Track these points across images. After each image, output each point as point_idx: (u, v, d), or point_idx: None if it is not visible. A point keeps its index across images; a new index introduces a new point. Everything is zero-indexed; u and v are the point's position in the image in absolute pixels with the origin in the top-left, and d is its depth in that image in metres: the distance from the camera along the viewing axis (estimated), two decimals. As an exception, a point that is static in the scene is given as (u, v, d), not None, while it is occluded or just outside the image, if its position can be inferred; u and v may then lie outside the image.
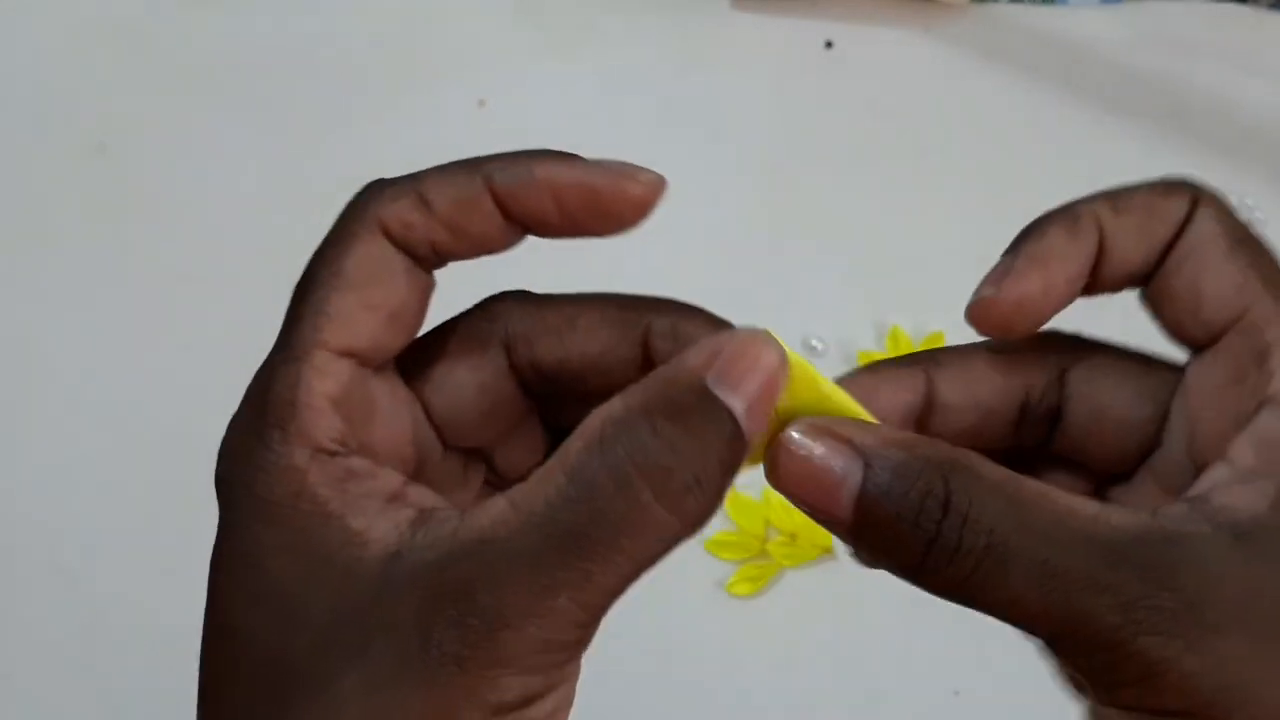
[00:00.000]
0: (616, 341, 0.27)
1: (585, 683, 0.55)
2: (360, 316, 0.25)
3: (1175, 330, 0.25)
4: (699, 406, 0.22)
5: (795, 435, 0.24)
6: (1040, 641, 0.23)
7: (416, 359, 0.27)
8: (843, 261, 0.69)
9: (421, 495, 0.24)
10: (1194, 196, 0.25)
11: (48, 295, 0.70)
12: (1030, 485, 0.22)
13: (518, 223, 0.26)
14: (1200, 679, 0.21)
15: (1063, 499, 0.22)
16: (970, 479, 0.22)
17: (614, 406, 0.22)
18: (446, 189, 0.25)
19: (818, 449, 0.23)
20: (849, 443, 0.23)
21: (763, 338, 0.23)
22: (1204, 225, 0.24)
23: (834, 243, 0.69)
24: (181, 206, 0.72)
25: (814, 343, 0.64)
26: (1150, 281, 0.25)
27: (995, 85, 0.74)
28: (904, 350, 0.65)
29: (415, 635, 0.21)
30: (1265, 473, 0.22)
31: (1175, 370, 0.26)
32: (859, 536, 0.23)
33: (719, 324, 0.27)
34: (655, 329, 0.27)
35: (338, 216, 0.27)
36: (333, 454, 0.24)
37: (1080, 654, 0.22)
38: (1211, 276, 0.24)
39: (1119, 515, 0.22)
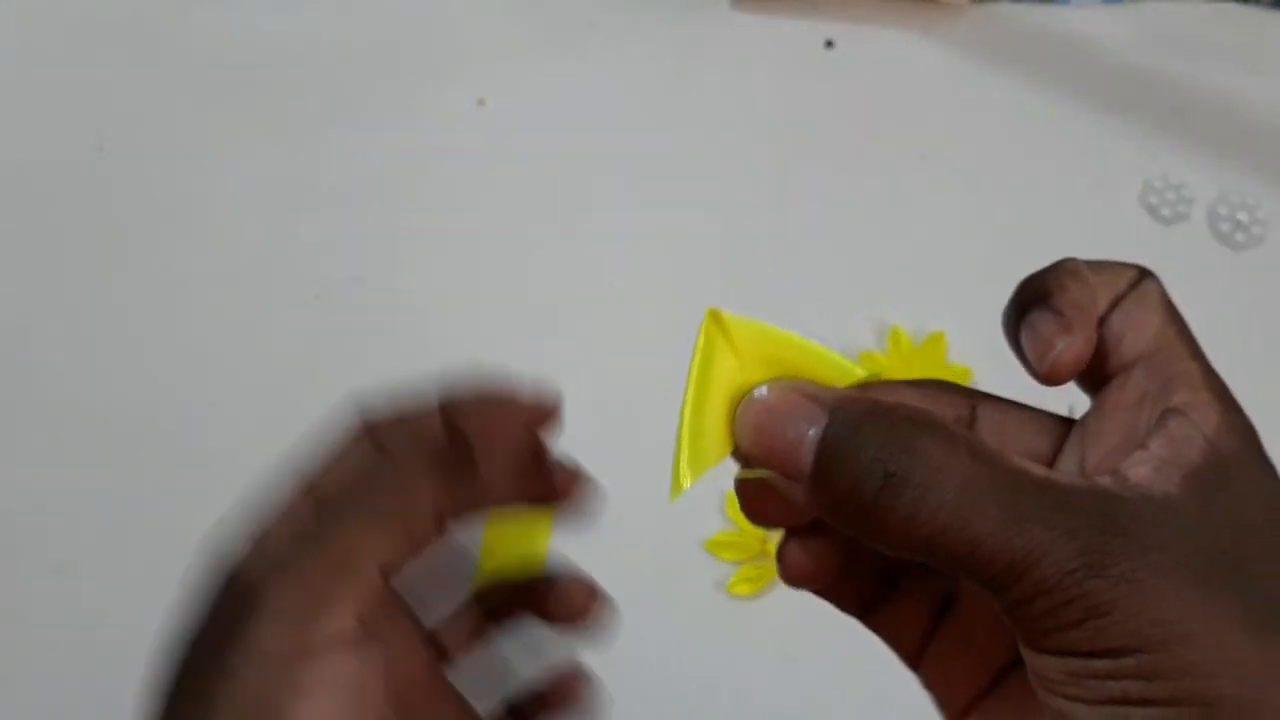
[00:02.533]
0: None
1: (585, 684, 0.53)
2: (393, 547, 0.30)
3: (1094, 367, 0.27)
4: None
5: (760, 391, 0.26)
6: (982, 586, 0.24)
7: None
8: (843, 261, 0.69)
9: None
10: (1143, 271, 0.28)
11: (46, 293, 0.70)
12: (988, 443, 0.24)
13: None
14: (1141, 616, 0.22)
15: (1015, 458, 0.24)
16: (935, 429, 0.24)
17: None
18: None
19: (783, 403, 0.25)
20: (813, 398, 0.25)
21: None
22: (1146, 287, 0.27)
23: (834, 243, 0.69)
24: (180, 205, 0.72)
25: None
26: None
27: (995, 85, 0.74)
28: (904, 351, 0.65)
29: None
30: (1173, 461, 0.24)
31: (1060, 417, 0.29)
32: (817, 486, 0.24)
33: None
34: None
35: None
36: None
37: (1025, 598, 0.23)
38: (1138, 322, 0.27)
39: (1064, 477, 0.24)
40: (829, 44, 0.76)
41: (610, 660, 0.60)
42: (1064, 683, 0.23)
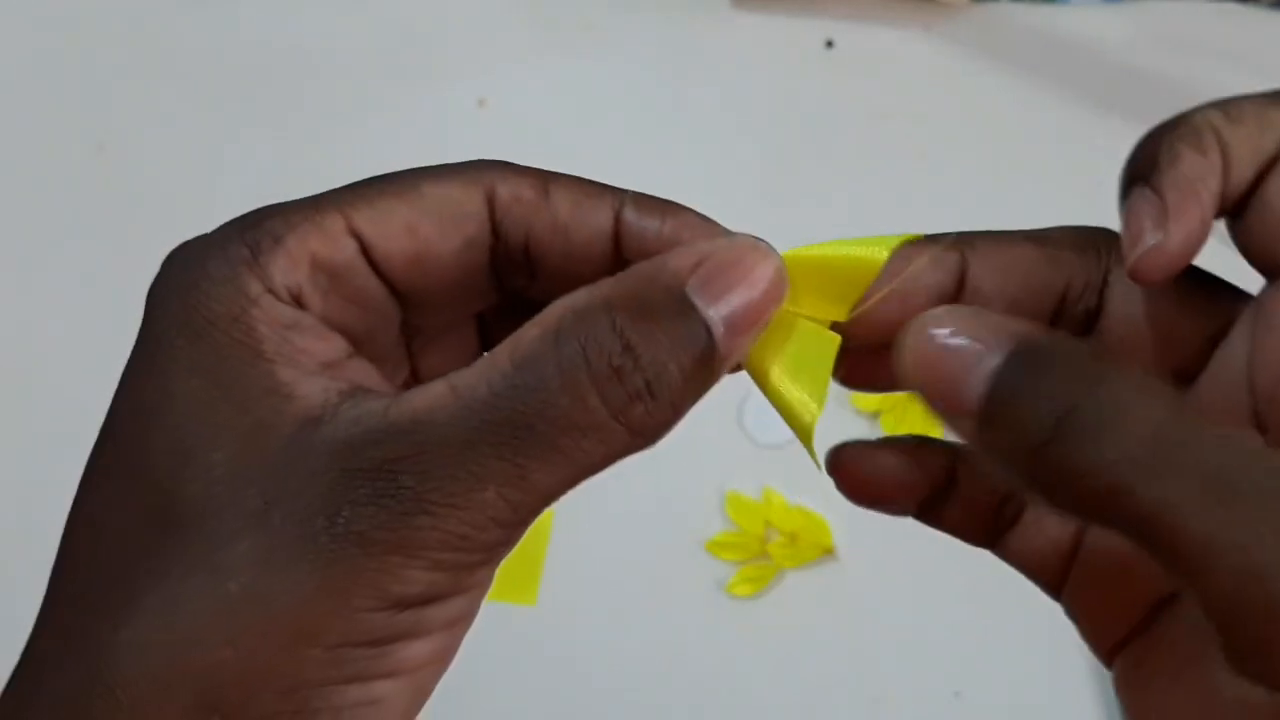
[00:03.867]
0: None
1: (586, 682, 0.55)
2: (398, 232, 0.22)
3: (1258, 250, 0.22)
4: (671, 311, 0.21)
5: (933, 320, 0.21)
6: (1169, 570, 0.19)
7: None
8: (843, 261, 0.69)
9: (363, 372, 0.23)
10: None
11: (46, 294, 0.70)
12: (1194, 403, 0.20)
13: (627, 253, 0.23)
14: None
15: (1223, 422, 0.20)
16: (1127, 370, 0.20)
17: (578, 296, 0.21)
18: (573, 189, 0.23)
19: (957, 333, 0.21)
20: (993, 330, 0.21)
21: (761, 249, 0.22)
22: None
23: (834, 243, 0.69)
24: (180, 206, 0.72)
25: (814, 343, 0.64)
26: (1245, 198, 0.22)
27: (996, 84, 0.74)
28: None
29: (323, 510, 0.20)
30: None
31: (1234, 291, 0.23)
32: (985, 425, 0.20)
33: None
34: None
35: None
36: (285, 302, 0.22)
37: (1228, 603, 0.18)
38: None
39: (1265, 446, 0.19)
40: (829, 43, 0.76)
41: (611, 660, 0.60)
42: None
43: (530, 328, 0.21)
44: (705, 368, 0.21)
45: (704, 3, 0.77)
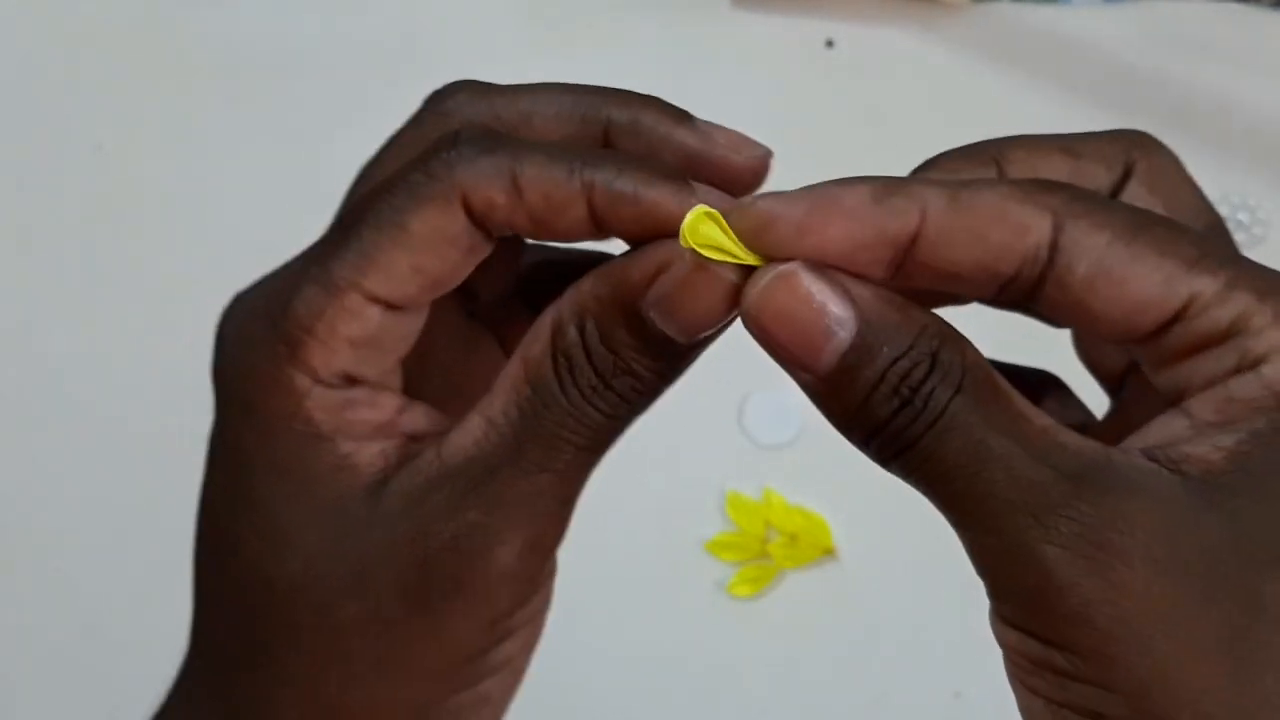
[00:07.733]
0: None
1: (586, 683, 0.55)
2: (407, 277, 0.23)
3: (1104, 341, 0.23)
4: (629, 323, 0.23)
5: (795, 273, 0.22)
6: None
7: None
8: (843, 261, 0.69)
9: (414, 419, 0.25)
10: (1057, 211, 0.22)
11: (44, 294, 0.70)
12: (1002, 381, 0.21)
13: (606, 232, 0.24)
14: (1098, 608, 0.20)
15: (1020, 400, 0.21)
16: (957, 359, 0.21)
17: (563, 307, 0.23)
18: (542, 182, 0.23)
19: (816, 292, 0.21)
20: (847, 293, 0.21)
21: (712, 277, 0.22)
22: (1077, 235, 0.21)
23: (834, 243, 0.69)
24: (178, 206, 0.72)
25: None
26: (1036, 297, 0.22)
27: (996, 85, 0.74)
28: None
29: (414, 565, 0.23)
30: (1223, 426, 0.21)
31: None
32: (829, 389, 0.22)
33: (678, 117, 0.28)
34: (615, 124, 0.27)
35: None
36: (336, 386, 0.24)
37: (984, 550, 0.21)
38: (1125, 277, 0.21)
39: (1069, 435, 0.21)
40: (829, 43, 0.76)
41: (611, 661, 0.60)
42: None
43: (535, 345, 0.23)
44: (669, 364, 0.23)
45: (704, 2, 0.77)
